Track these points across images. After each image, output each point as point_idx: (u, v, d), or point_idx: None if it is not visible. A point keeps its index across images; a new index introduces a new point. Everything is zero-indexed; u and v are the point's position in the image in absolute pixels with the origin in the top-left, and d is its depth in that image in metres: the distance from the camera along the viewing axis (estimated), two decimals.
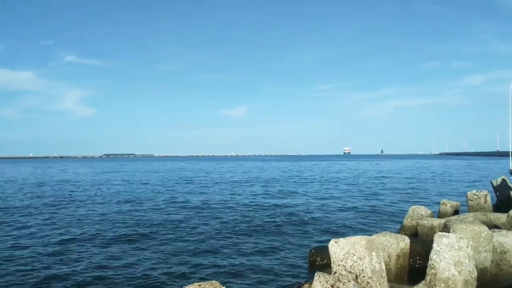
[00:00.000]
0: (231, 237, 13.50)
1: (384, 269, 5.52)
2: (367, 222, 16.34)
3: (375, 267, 5.36)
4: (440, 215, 12.23)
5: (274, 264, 10.18)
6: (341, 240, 5.54)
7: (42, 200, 25.04)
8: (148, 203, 22.96)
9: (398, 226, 12.77)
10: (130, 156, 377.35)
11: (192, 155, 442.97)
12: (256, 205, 21.95)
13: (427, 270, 5.54)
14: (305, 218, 17.24)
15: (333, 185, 36.16)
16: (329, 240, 5.69)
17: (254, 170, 70.42)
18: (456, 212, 12.32)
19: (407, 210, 11.69)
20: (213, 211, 19.74)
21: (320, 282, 4.82)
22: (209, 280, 4.70)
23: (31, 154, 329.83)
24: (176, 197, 26.12)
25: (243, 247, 12.09)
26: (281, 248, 11.87)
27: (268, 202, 23.10)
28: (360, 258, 5.34)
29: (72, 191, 31.00)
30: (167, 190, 31.47)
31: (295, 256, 10.91)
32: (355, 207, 20.89)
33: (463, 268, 5.26)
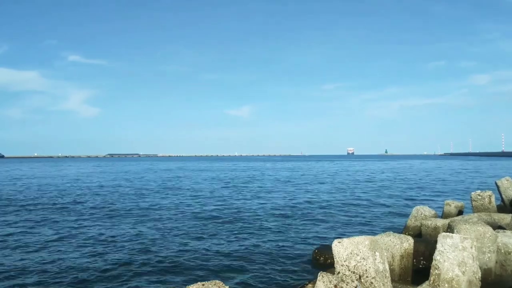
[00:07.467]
0: (234, 237, 13.51)
1: (387, 269, 5.51)
2: (370, 222, 16.30)
3: (379, 267, 5.35)
4: (444, 215, 12.18)
5: (278, 264, 10.18)
6: (345, 240, 5.53)
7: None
8: (156, 202, 23.07)
9: (402, 226, 12.74)
10: (134, 156, 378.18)
11: (195, 155, 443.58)
12: (259, 204, 21.96)
13: (431, 270, 5.52)
14: (308, 218, 17.22)
15: (336, 185, 36.09)
16: (333, 240, 5.69)
17: (259, 169, 70.43)
18: (460, 212, 12.26)
19: (411, 211, 11.67)
20: (214, 210, 19.77)
21: (324, 282, 4.82)
22: (212, 279, 4.71)
23: (35, 154, 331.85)
24: (176, 198, 26.18)
25: (246, 246, 12.10)
26: (284, 248, 11.86)
27: (271, 201, 23.10)
28: (363, 258, 5.33)
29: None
30: (165, 193, 31.54)
31: (299, 256, 10.90)
32: (359, 207, 20.84)
33: (467, 268, 5.24)
